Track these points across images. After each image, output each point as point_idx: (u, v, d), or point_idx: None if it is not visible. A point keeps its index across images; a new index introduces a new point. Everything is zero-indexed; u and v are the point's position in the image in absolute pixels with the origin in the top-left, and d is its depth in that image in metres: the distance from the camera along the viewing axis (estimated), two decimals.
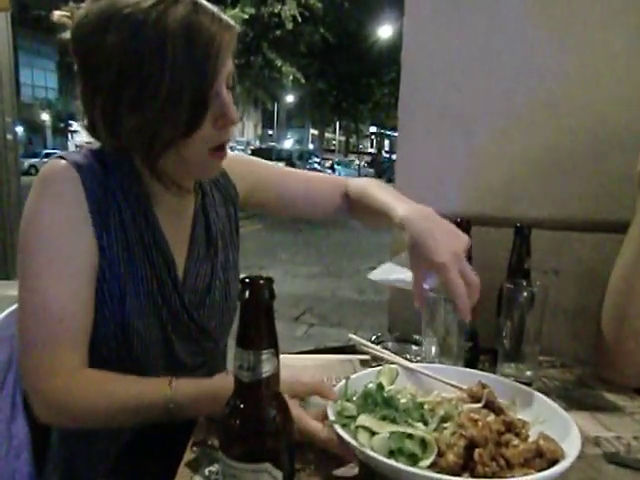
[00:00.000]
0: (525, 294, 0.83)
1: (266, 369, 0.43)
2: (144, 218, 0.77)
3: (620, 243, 0.85)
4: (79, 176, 0.72)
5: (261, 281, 0.43)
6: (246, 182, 0.95)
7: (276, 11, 10.61)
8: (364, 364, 0.89)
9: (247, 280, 0.43)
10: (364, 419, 0.57)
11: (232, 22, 0.72)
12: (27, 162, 16.08)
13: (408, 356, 0.88)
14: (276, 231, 7.76)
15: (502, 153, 1.07)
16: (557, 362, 0.89)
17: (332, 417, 0.59)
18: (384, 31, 13.91)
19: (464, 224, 0.98)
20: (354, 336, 0.93)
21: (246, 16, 10.52)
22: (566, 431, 0.58)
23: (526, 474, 0.51)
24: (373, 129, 37.08)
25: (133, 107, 0.68)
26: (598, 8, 1.03)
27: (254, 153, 18.16)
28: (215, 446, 0.63)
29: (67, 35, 0.71)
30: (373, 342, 0.93)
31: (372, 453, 0.53)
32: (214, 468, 0.58)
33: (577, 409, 0.73)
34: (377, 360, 0.85)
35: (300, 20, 10.73)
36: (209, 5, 0.71)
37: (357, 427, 0.57)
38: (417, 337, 0.92)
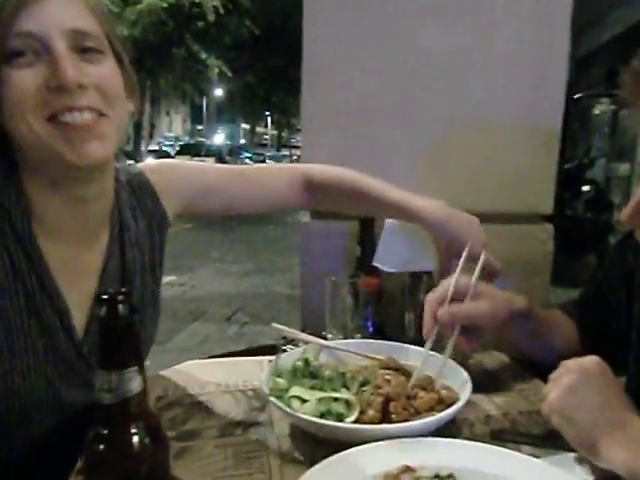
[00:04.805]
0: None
1: (130, 388, 0.40)
2: (26, 259, 0.67)
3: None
4: None
5: (119, 296, 0.40)
6: (187, 194, 0.88)
7: (197, 1, 10.22)
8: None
9: (104, 296, 0.40)
10: (295, 390, 0.67)
11: None
12: None
13: None
14: (206, 229, 7.54)
15: (407, 146, 1.10)
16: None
17: (266, 391, 0.66)
18: None
19: None
20: (277, 325, 0.92)
21: (165, 4, 10.03)
22: (462, 382, 0.70)
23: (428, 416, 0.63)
24: None
25: None
26: (486, 11, 1.09)
27: (182, 149, 17.50)
28: None
29: None
30: (283, 342, 0.93)
31: (304, 416, 0.62)
32: None
33: (474, 392, 0.75)
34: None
35: (223, 12, 10.42)
36: None
37: (290, 397, 0.65)
38: (325, 334, 0.93)
